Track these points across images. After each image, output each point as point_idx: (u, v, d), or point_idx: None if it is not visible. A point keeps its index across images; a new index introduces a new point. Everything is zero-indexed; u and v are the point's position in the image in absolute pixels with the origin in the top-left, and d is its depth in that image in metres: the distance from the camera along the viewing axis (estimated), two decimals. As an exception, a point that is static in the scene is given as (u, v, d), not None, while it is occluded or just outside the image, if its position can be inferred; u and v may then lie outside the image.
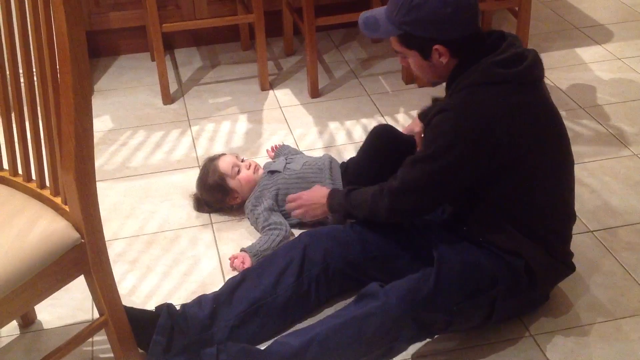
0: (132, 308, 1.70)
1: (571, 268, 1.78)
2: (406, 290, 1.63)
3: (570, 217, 1.75)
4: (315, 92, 2.81)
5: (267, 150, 2.41)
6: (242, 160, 2.20)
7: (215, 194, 2.16)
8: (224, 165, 2.15)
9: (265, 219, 2.04)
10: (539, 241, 1.67)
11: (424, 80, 1.73)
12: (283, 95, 2.84)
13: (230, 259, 1.97)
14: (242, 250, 1.98)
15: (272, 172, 2.14)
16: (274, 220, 2.03)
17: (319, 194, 1.96)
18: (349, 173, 2.13)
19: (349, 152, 2.37)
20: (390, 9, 1.63)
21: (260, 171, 2.19)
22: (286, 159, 2.18)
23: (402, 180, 1.67)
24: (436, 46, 1.60)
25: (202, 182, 2.18)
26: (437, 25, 1.58)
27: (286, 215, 2.08)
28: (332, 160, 2.14)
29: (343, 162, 2.19)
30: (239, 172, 2.15)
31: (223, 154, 2.22)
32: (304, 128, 2.62)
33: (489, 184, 1.63)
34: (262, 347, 1.70)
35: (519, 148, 1.59)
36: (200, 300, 1.78)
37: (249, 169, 2.17)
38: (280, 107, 2.76)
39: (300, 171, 2.11)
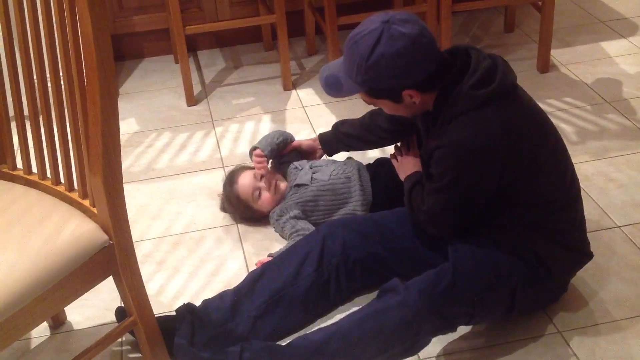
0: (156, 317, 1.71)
1: (588, 255, 1.77)
2: (426, 284, 1.64)
3: (576, 200, 1.73)
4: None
5: (255, 158, 2.13)
6: (261, 178, 2.13)
7: (242, 212, 2.17)
8: (244, 191, 2.11)
9: (292, 225, 2.02)
10: (548, 234, 1.67)
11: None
12: (306, 95, 2.85)
13: (257, 264, 1.98)
14: (270, 255, 1.98)
15: (299, 186, 2.09)
16: (301, 227, 2.01)
17: (412, 165, 1.91)
18: (382, 176, 2.08)
19: (373, 152, 2.37)
20: (348, 69, 1.60)
21: (283, 185, 2.13)
22: (311, 168, 2.12)
23: (427, 207, 1.69)
24: (406, 91, 1.59)
25: (228, 203, 2.18)
26: (399, 76, 1.56)
27: (314, 224, 2.06)
28: (360, 168, 2.09)
29: (369, 164, 2.15)
30: (259, 194, 2.11)
31: (241, 171, 2.15)
32: (327, 127, 2.60)
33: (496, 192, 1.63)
34: (285, 343, 1.71)
35: (522, 158, 1.60)
36: (222, 294, 1.81)
37: (269, 189, 2.11)
38: (303, 107, 2.77)
39: (329, 182, 2.06)
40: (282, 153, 2.22)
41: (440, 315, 1.63)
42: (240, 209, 2.15)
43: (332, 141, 2.17)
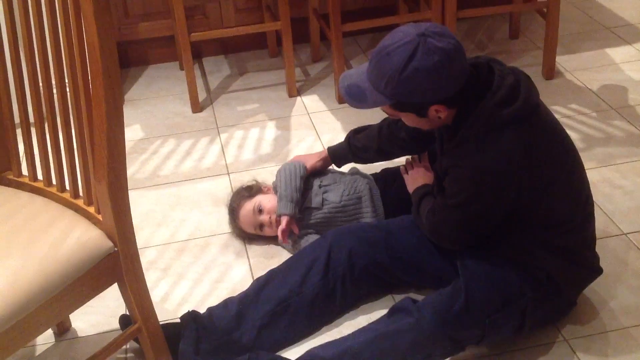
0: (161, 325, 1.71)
1: (597, 271, 1.76)
2: (439, 307, 1.62)
3: (589, 219, 1.72)
4: (342, 98, 2.80)
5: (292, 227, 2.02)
6: (260, 211, 2.05)
7: (252, 238, 2.14)
8: (246, 227, 2.09)
9: (305, 240, 2.01)
10: (559, 252, 1.65)
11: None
12: (311, 102, 2.85)
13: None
14: None
15: (309, 208, 2.05)
16: (315, 240, 1.98)
17: (422, 178, 1.91)
18: (392, 191, 2.05)
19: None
20: (376, 80, 1.55)
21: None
22: (320, 187, 2.08)
23: (438, 221, 1.68)
24: (433, 106, 1.56)
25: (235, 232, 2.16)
26: (431, 92, 1.52)
27: None
28: (370, 186, 2.05)
29: (377, 177, 2.11)
30: (262, 228, 2.07)
31: (240, 202, 2.09)
32: (332, 134, 2.62)
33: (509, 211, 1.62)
34: (292, 356, 1.71)
35: (540, 181, 1.58)
36: (227, 302, 1.80)
37: (270, 226, 2.05)
38: (308, 113, 2.77)
39: (341, 204, 2.02)
40: None
41: (452, 338, 1.62)
42: (248, 237, 2.14)
43: (347, 155, 2.11)
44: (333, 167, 2.23)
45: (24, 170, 1.63)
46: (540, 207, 1.61)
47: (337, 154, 2.12)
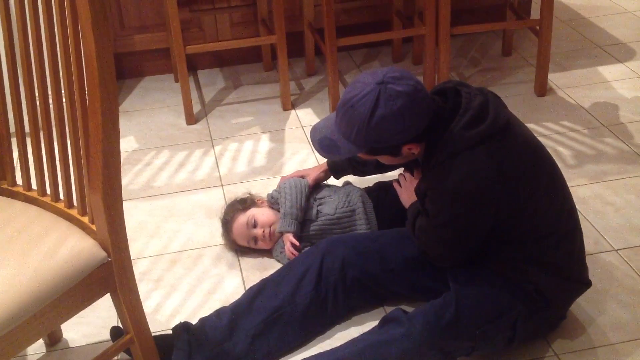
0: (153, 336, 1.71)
1: (587, 284, 1.77)
2: (429, 317, 1.64)
3: (574, 231, 1.73)
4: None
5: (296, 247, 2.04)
6: (254, 224, 2.06)
7: (246, 250, 2.15)
8: (241, 240, 2.09)
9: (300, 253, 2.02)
10: (546, 266, 1.67)
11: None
12: (305, 115, 2.86)
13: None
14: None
15: (303, 221, 2.05)
16: (307, 249, 2.00)
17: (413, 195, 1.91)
18: (385, 204, 2.06)
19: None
20: (345, 132, 1.59)
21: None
22: (315, 199, 2.09)
23: (425, 240, 1.70)
24: (406, 146, 1.60)
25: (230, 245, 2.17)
26: (400, 134, 1.56)
27: None
28: (364, 199, 2.06)
29: (370, 190, 2.13)
30: (256, 242, 2.08)
31: (233, 215, 2.09)
32: (326, 147, 2.63)
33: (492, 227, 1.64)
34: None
35: (517, 196, 1.60)
36: (219, 312, 1.80)
37: (264, 239, 2.07)
38: (302, 127, 2.78)
39: (335, 216, 2.04)
40: None
41: (442, 348, 1.63)
42: (241, 249, 2.14)
43: (346, 168, 2.13)
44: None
45: (18, 180, 1.63)
46: (523, 221, 1.63)
47: (336, 167, 2.14)
